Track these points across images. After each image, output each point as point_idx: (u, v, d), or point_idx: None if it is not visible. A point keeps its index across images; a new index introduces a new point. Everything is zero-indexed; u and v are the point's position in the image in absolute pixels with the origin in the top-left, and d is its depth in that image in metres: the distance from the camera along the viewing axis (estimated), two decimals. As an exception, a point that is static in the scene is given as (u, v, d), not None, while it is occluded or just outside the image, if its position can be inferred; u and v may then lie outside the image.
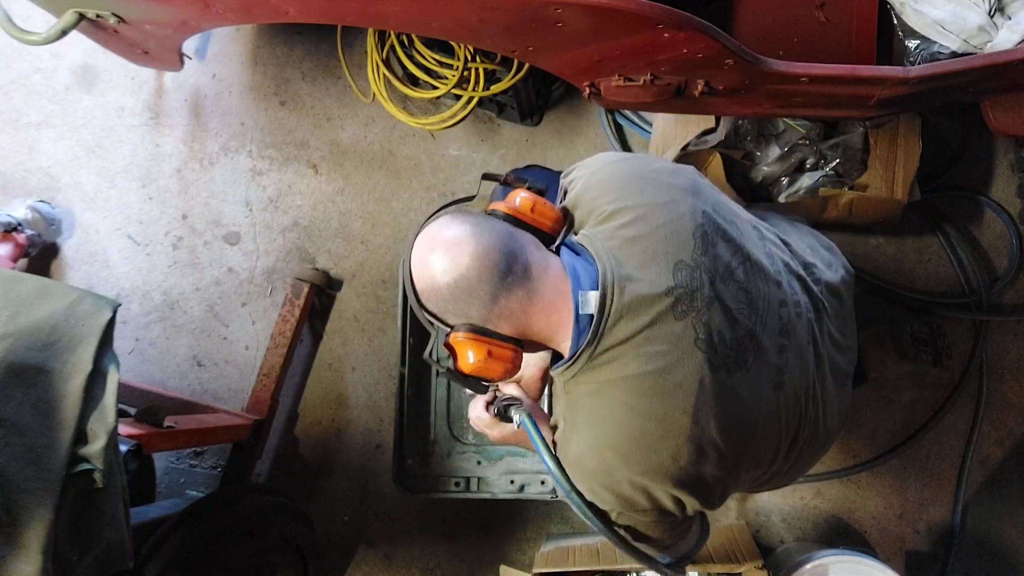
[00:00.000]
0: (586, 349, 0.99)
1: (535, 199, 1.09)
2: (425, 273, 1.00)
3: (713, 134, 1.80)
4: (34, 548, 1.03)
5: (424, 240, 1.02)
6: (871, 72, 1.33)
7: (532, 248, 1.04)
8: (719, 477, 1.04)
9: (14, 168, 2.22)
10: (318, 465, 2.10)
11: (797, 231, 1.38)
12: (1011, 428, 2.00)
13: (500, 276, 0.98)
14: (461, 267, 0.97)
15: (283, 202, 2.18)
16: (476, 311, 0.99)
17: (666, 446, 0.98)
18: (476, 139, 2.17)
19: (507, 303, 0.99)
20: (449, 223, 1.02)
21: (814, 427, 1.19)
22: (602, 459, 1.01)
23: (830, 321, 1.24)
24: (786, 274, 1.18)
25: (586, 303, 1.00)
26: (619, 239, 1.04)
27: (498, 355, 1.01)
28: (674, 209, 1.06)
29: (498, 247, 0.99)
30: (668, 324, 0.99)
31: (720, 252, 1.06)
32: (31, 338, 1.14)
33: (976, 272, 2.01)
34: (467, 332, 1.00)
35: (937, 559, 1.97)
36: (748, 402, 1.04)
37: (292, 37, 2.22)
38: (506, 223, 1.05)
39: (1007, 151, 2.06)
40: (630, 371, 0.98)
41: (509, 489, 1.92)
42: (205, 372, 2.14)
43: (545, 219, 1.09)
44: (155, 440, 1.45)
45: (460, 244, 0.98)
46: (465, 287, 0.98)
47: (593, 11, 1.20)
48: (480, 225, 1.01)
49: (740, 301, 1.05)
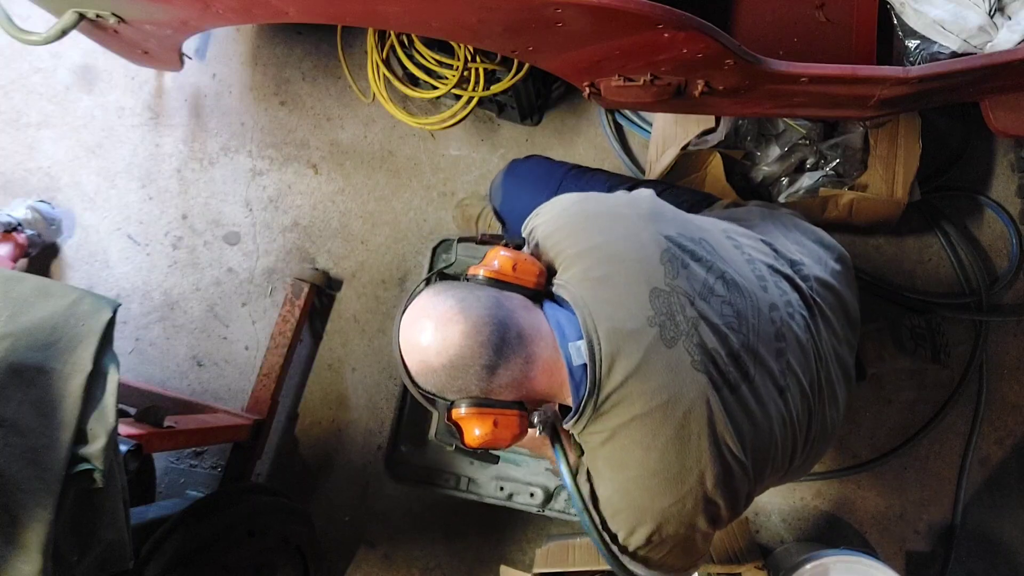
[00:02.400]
0: (588, 401, 0.98)
1: (515, 257, 1.05)
2: (416, 356, 0.97)
3: (713, 134, 1.80)
4: (34, 548, 1.03)
5: (411, 322, 0.98)
6: (871, 72, 1.33)
7: (521, 311, 1.01)
8: (746, 488, 1.04)
9: (14, 168, 2.22)
10: (318, 465, 2.10)
11: (782, 228, 1.36)
12: (1011, 428, 2.00)
13: (495, 349, 0.95)
14: (453, 347, 0.94)
15: (283, 202, 2.18)
16: (475, 385, 0.96)
17: (691, 474, 0.98)
18: (476, 139, 2.17)
19: (506, 373, 0.97)
20: (433, 301, 0.98)
21: (822, 420, 1.19)
22: (631, 498, 1.01)
23: (826, 314, 1.24)
24: (771, 276, 1.17)
25: (577, 354, 0.99)
26: (590, 281, 1.03)
27: (504, 423, 0.98)
28: (636, 239, 1.06)
29: (488, 320, 0.96)
30: (661, 354, 0.98)
31: (693, 271, 1.05)
32: (31, 338, 1.13)
33: (976, 272, 2.01)
34: (469, 406, 0.97)
35: (937, 559, 1.97)
36: (759, 412, 1.04)
37: (292, 37, 2.22)
38: (491, 288, 1.02)
39: (1007, 151, 2.06)
40: (637, 410, 0.97)
41: (497, 495, 1.90)
42: (205, 372, 2.14)
43: (529, 276, 1.06)
44: (155, 440, 1.45)
45: (449, 323, 0.95)
46: (460, 365, 0.95)
47: (593, 11, 1.20)
48: (466, 299, 0.97)
49: (727, 315, 1.05)
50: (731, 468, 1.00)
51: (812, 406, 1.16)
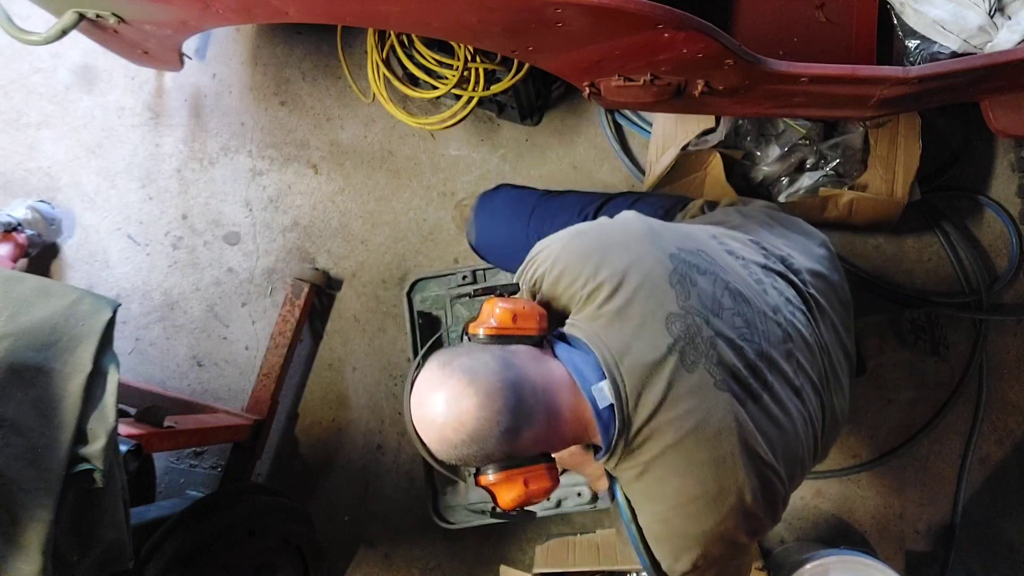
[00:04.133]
0: (619, 440, 0.97)
1: (514, 307, 1.01)
2: (434, 435, 0.94)
3: (713, 134, 1.80)
4: (34, 548, 1.03)
5: (421, 401, 0.95)
6: (871, 72, 1.33)
7: (532, 364, 0.97)
8: (782, 494, 1.04)
9: (14, 168, 2.22)
10: (318, 465, 2.10)
11: (764, 224, 1.36)
12: (1011, 428, 2.00)
13: (513, 413, 0.92)
14: (471, 420, 0.91)
15: (283, 202, 2.18)
16: (499, 450, 0.93)
17: (729, 493, 0.97)
18: (476, 139, 2.17)
19: (530, 432, 0.94)
20: (439, 376, 0.94)
21: (831, 410, 1.19)
22: (672, 526, 1.00)
23: (822, 304, 1.24)
24: (767, 277, 1.17)
25: (601, 396, 0.97)
26: (605, 316, 1.01)
27: (535, 480, 0.96)
28: (642, 265, 1.04)
29: (500, 385, 0.92)
30: (684, 380, 0.97)
31: (702, 288, 1.04)
32: (31, 338, 1.13)
33: (976, 272, 2.01)
34: (496, 472, 0.95)
35: (937, 559, 1.97)
36: (783, 417, 1.04)
37: (292, 37, 2.22)
38: (494, 346, 0.98)
39: (1007, 151, 2.06)
40: (668, 441, 0.96)
41: (547, 506, 1.90)
42: (205, 372, 2.14)
43: (530, 323, 1.02)
44: (155, 440, 1.45)
45: (460, 397, 0.91)
46: (480, 437, 0.91)
47: (593, 11, 1.20)
48: (472, 368, 0.93)
49: (739, 326, 1.04)
50: (767, 478, 1.00)
51: (824, 399, 1.16)
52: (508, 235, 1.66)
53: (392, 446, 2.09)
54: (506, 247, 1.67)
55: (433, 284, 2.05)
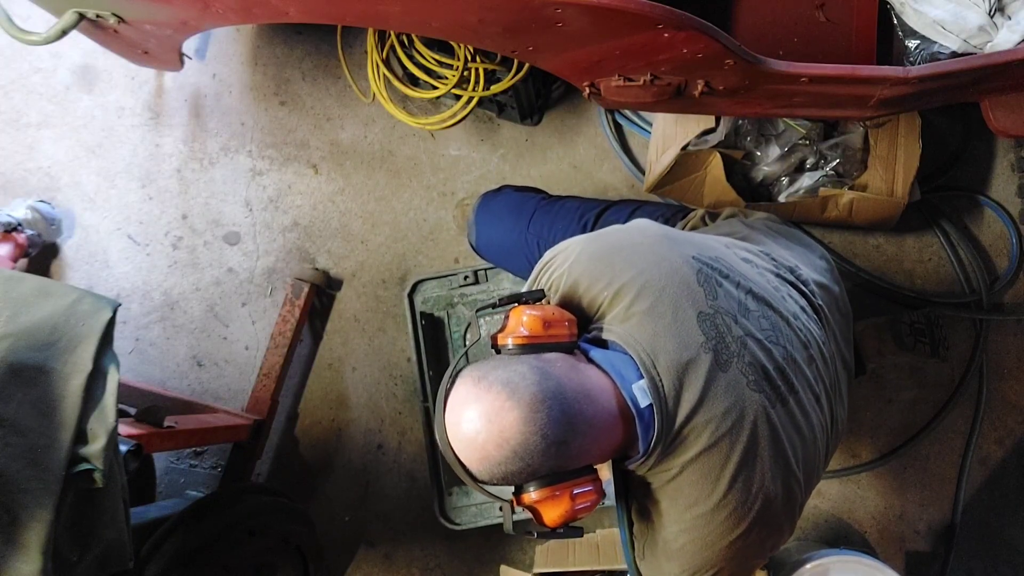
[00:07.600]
0: (659, 441, 0.94)
1: (543, 314, 0.95)
2: (475, 454, 0.87)
3: (713, 134, 1.80)
4: (34, 548, 1.03)
5: (457, 419, 0.89)
6: (871, 72, 1.33)
7: (570, 372, 0.92)
8: (800, 501, 1.04)
9: (14, 168, 2.22)
10: (318, 465, 2.10)
11: (769, 235, 1.35)
12: (1011, 428, 2.00)
13: (559, 424, 0.87)
14: (515, 435, 0.85)
15: (283, 202, 2.18)
16: (546, 464, 0.88)
17: (756, 500, 0.96)
18: (476, 139, 2.17)
19: (577, 441, 0.89)
20: (475, 391, 0.88)
21: (836, 421, 1.19)
22: (695, 535, 0.98)
23: (827, 316, 1.24)
24: (782, 286, 1.16)
25: (643, 395, 0.94)
26: (635, 317, 0.98)
27: (582, 493, 0.91)
28: (667, 265, 1.01)
29: (541, 396, 0.87)
30: (720, 379, 0.95)
31: (727, 288, 1.03)
32: (31, 338, 1.13)
33: (976, 272, 2.01)
34: (539, 489, 0.89)
35: (937, 559, 1.97)
36: (804, 424, 1.03)
37: (292, 37, 2.22)
38: (527, 356, 0.92)
39: (1007, 151, 2.06)
40: (705, 442, 0.94)
41: None
42: (205, 372, 2.14)
43: (561, 330, 0.97)
44: (155, 440, 1.45)
45: (501, 412, 0.85)
46: (526, 452, 0.86)
47: (593, 11, 1.20)
48: (510, 381, 0.87)
49: (766, 329, 1.03)
50: (790, 485, 0.99)
51: (833, 408, 1.16)
52: (508, 237, 1.66)
53: (392, 446, 2.09)
54: (506, 248, 1.68)
55: (434, 285, 2.06)
